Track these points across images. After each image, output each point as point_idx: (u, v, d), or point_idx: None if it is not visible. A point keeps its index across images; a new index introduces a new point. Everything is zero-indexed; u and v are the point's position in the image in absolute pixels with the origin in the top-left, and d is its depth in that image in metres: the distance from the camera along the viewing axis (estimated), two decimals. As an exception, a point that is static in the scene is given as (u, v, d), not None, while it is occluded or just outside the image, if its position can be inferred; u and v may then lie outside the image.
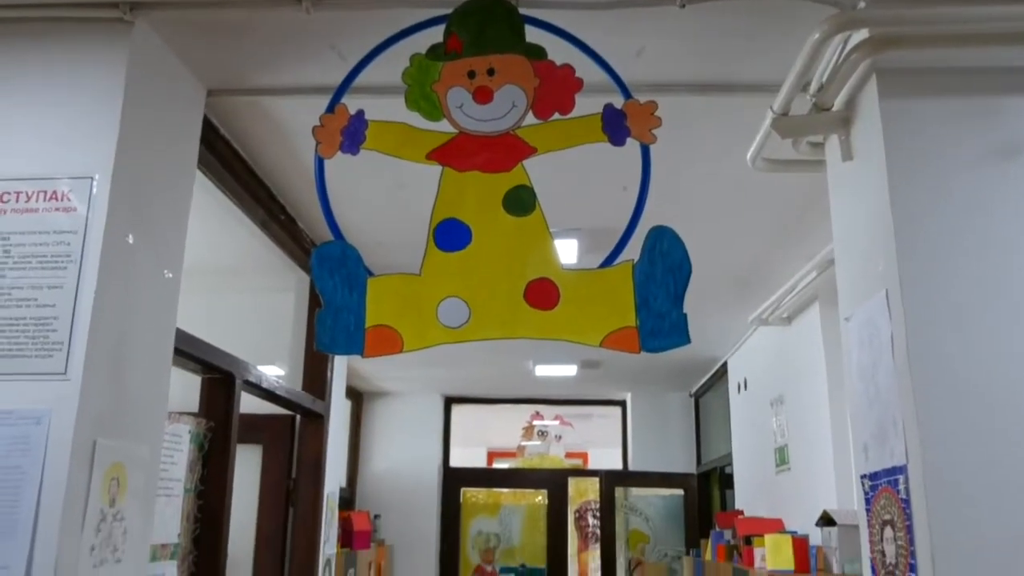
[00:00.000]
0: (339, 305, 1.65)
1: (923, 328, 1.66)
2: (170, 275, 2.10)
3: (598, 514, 7.12)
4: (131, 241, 1.90)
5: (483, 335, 1.66)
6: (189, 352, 2.39)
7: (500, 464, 10.77)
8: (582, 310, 1.67)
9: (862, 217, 1.91)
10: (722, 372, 6.26)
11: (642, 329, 1.64)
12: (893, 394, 1.69)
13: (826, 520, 3.38)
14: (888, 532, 1.70)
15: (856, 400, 1.89)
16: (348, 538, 5.65)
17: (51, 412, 1.68)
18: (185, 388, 2.81)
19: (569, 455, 10.22)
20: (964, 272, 1.69)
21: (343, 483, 6.90)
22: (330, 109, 1.78)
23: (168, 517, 2.37)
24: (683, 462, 7.46)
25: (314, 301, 3.59)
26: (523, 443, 9.16)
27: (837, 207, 2.12)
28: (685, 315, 1.64)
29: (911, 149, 1.77)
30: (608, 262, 1.71)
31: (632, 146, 1.79)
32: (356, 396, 7.57)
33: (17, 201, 1.81)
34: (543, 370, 6.44)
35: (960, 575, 1.51)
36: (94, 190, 1.81)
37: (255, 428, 3.64)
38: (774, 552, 3.39)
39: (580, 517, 8.58)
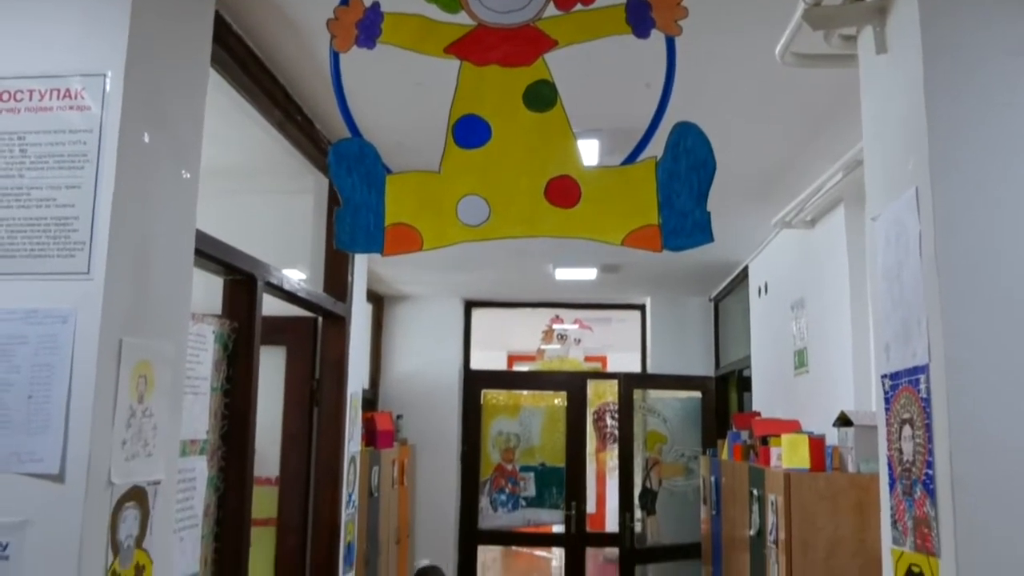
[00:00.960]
0: (358, 203, 1.63)
1: (952, 227, 1.62)
2: (188, 175, 2.08)
3: (616, 415, 7.24)
4: (147, 140, 1.88)
5: (503, 233, 1.65)
6: (210, 254, 2.39)
7: (520, 367, 10.92)
8: (604, 208, 1.64)
9: (894, 113, 1.85)
10: (743, 276, 6.24)
11: (664, 227, 1.62)
12: (918, 294, 1.67)
13: (843, 421, 3.41)
14: (907, 430, 1.70)
15: (880, 300, 1.88)
16: (372, 437, 5.80)
17: (76, 311, 1.70)
18: (208, 291, 2.84)
19: (588, 359, 10.35)
20: (997, 171, 1.64)
21: (366, 385, 7.03)
22: (344, 2, 1.72)
23: (196, 414, 2.42)
24: (701, 366, 7.53)
25: (333, 203, 3.58)
26: (543, 346, 9.26)
27: (868, 103, 2.05)
28: (708, 213, 1.61)
29: (949, 41, 1.69)
30: (631, 159, 1.68)
31: (656, 41, 1.72)
32: (377, 300, 7.64)
33: (31, 100, 1.79)
34: (563, 274, 6.44)
35: (977, 471, 1.52)
36: (107, 88, 1.78)
37: (278, 330, 3.69)
38: (790, 451, 3.44)
39: (598, 418, 8.75)
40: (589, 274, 6.46)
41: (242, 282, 2.73)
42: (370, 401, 7.31)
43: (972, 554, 1.49)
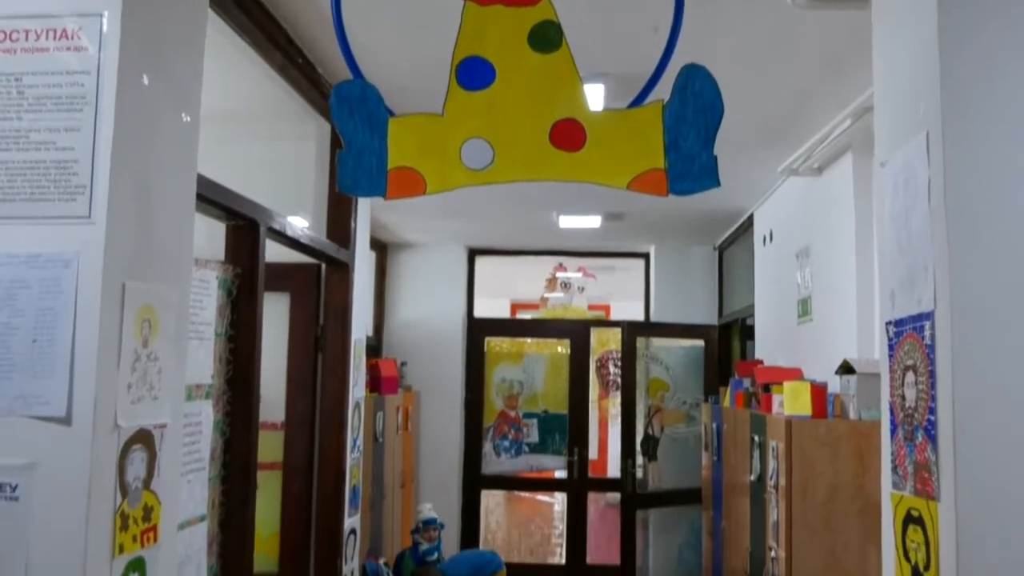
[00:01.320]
0: (360, 146, 1.61)
1: (962, 173, 1.60)
2: (188, 119, 2.06)
3: (619, 363, 7.28)
4: (146, 82, 1.85)
5: (507, 177, 1.63)
6: (212, 198, 2.38)
7: (523, 316, 10.94)
8: (609, 151, 1.62)
9: (906, 56, 1.81)
10: (748, 225, 6.21)
11: (671, 171, 1.60)
12: (925, 240, 1.65)
13: (845, 369, 3.42)
14: (909, 377, 1.71)
15: (886, 247, 1.86)
16: (376, 383, 5.85)
17: (79, 255, 1.69)
18: (211, 237, 2.83)
19: (591, 307, 10.35)
20: (1010, 116, 1.61)
21: (370, 332, 7.06)
22: (345, -61, 1.68)
23: (201, 359, 2.44)
24: (705, 314, 7.54)
25: (336, 149, 3.55)
26: (546, 295, 9.27)
27: (880, 45, 2.01)
28: (715, 157, 1.59)
29: (964, -19, 1.65)
30: (637, 102, 1.65)
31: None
32: (381, 247, 7.63)
33: (27, 40, 1.76)
34: (567, 221, 6.41)
35: (979, 417, 1.52)
36: (104, 28, 1.75)
37: (282, 276, 3.69)
38: (792, 398, 3.46)
39: (601, 366, 8.79)
40: (593, 222, 6.44)
41: (244, 227, 2.72)
42: (374, 348, 7.35)
43: (971, 498, 1.50)
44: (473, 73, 1.64)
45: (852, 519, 3.27)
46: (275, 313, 3.65)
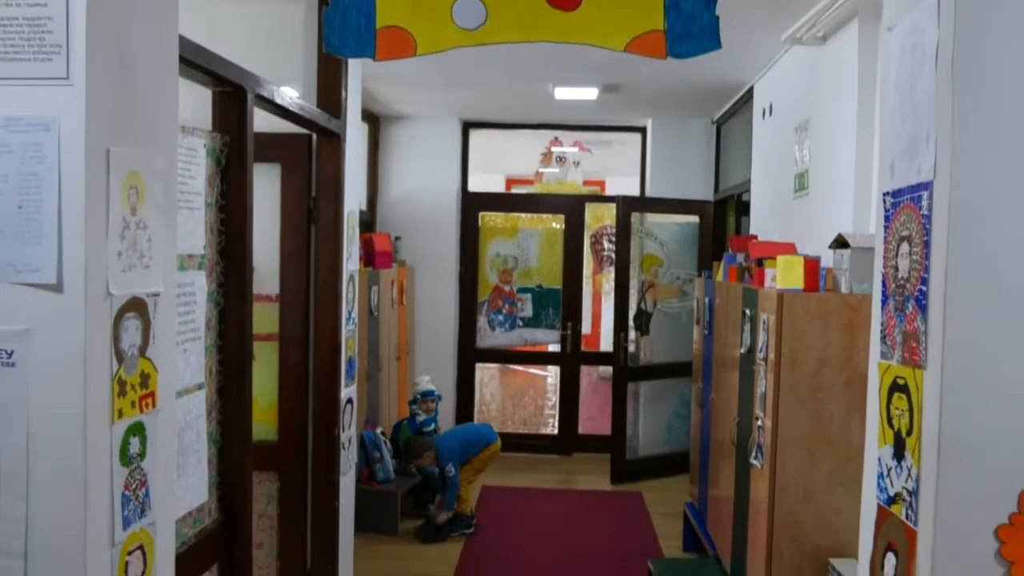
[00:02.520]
0: (347, 4, 1.54)
1: (973, 37, 1.54)
2: (167, -24, 1.96)
3: (613, 239, 7.29)
4: (120, -66, 1.75)
5: (501, 38, 1.56)
6: (196, 62, 2.30)
7: (518, 191, 10.88)
8: (607, 11, 1.55)
9: (922, -90, 1.71)
10: (747, 97, 6.08)
11: (670, 32, 1.53)
12: (930, 108, 1.61)
13: (839, 243, 3.42)
14: (904, 248, 1.70)
15: (889, 115, 1.82)
16: (370, 258, 5.86)
17: (60, 119, 1.64)
18: (197, 107, 2.75)
19: (587, 183, 10.29)
20: (1025, -24, 1.54)
21: (363, 206, 7.02)
22: None
23: (192, 229, 2.41)
24: (700, 190, 7.49)
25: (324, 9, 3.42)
26: (541, 169, 9.18)
27: (895, -100, 1.90)
28: (717, 18, 1.52)
29: None
30: (637, -42, 1.57)
31: None
32: (373, 120, 7.49)
33: None
34: (563, 93, 6.27)
35: (970, 286, 1.52)
36: None
37: (272, 147, 3.62)
38: (785, 272, 3.47)
39: (596, 241, 8.81)
40: (590, 94, 6.29)
41: (231, 94, 2.65)
42: (368, 223, 7.33)
43: (956, 366, 1.52)
44: (465, -75, 1.55)
45: (838, 391, 3.35)
46: (266, 185, 3.61)
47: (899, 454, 1.66)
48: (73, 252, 1.65)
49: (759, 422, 3.57)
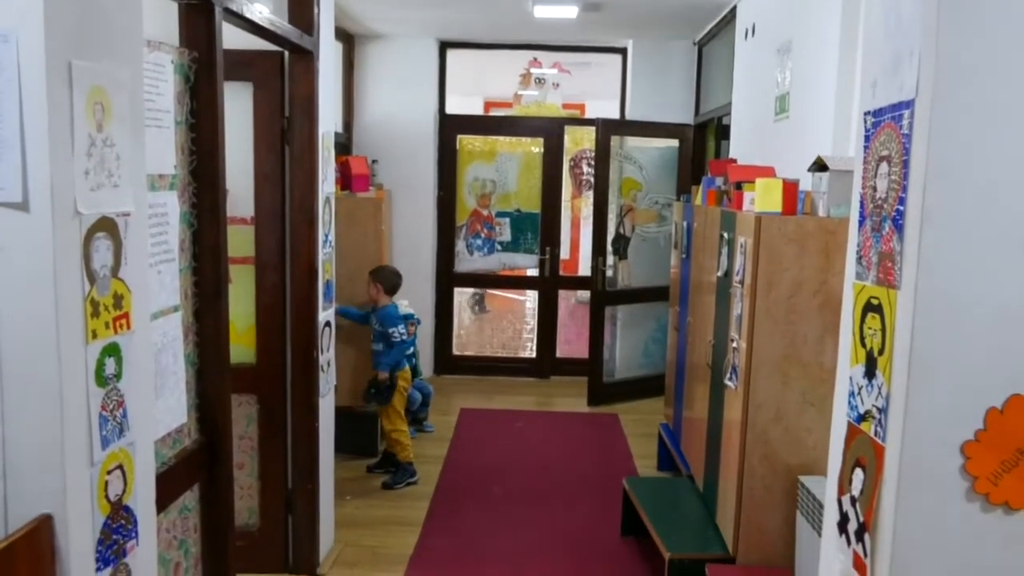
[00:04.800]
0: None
1: (960, -50, 1.50)
2: None
3: (592, 162, 7.23)
4: None
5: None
6: (160, -27, 2.21)
7: (497, 114, 10.72)
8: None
9: None
10: (730, 18, 5.98)
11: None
12: (915, 23, 1.58)
13: (819, 166, 3.41)
14: (883, 168, 1.69)
15: (873, 32, 1.79)
16: (347, 181, 5.78)
17: (17, 29, 1.58)
18: (166, 23, 2.66)
19: (566, 106, 10.15)
20: None
21: (339, 128, 6.90)
22: None
23: (162, 148, 2.36)
24: (681, 114, 7.41)
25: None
26: (520, 91, 9.04)
27: None
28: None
29: None
30: None
31: None
32: (348, 39, 7.30)
33: None
34: (542, 11, 6.13)
35: (947, 205, 1.52)
36: None
37: (243, 64, 3.52)
38: (763, 195, 3.46)
39: (575, 165, 8.75)
40: (570, 12, 6.15)
41: (198, 7, 2.55)
42: (344, 146, 7.22)
43: (930, 286, 1.53)
44: None
45: (813, 313, 3.38)
46: (238, 103, 3.52)
47: (870, 373, 1.69)
48: (38, 170, 1.61)
49: (734, 344, 3.61)
